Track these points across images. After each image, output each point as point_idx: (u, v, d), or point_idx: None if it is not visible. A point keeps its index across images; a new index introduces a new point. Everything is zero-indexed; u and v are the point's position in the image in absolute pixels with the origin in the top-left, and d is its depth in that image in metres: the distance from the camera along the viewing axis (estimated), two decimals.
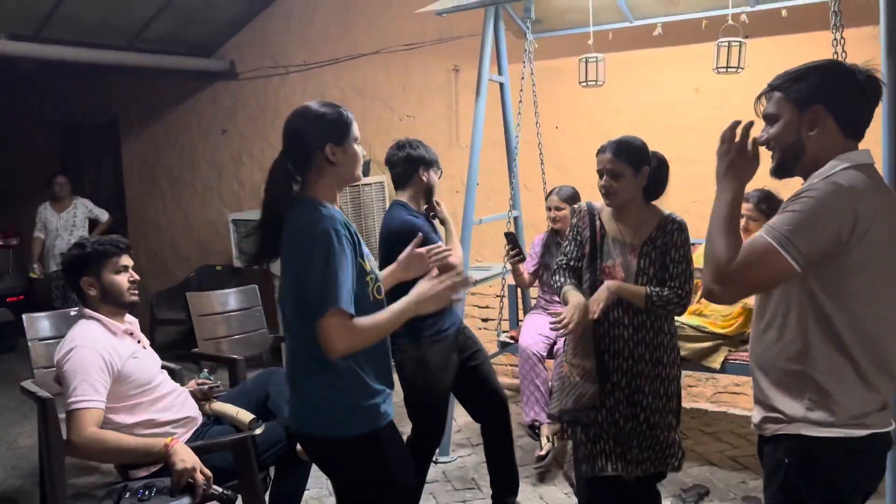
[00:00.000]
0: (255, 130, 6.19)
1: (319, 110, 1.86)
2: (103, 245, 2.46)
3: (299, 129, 1.85)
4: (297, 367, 1.86)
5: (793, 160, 1.65)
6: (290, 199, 1.84)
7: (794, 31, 3.86)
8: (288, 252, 1.80)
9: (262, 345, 4.01)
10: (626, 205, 2.40)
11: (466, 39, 5.00)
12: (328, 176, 1.85)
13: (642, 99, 4.41)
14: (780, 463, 1.60)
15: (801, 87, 1.62)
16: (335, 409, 1.81)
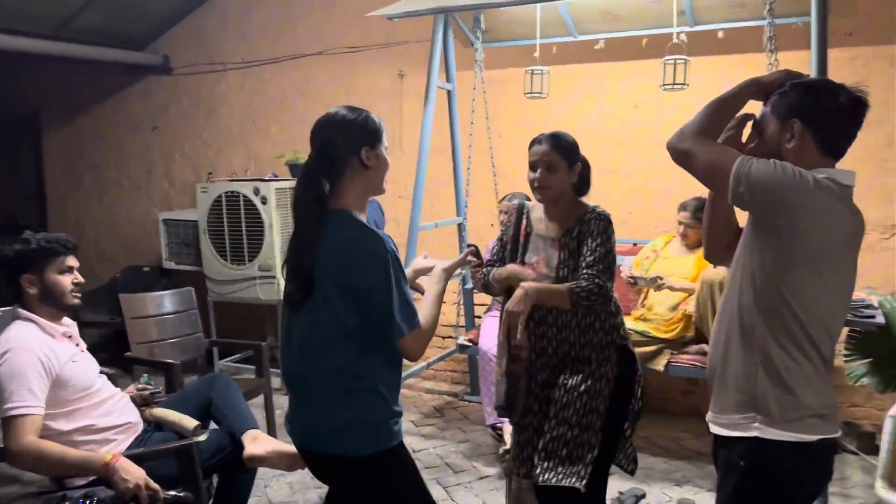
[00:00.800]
0: (189, 127, 6.01)
1: (352, 114, 1.83)
2: (50, 243, 2.33)
3: (333, 135, 1.81)
4: (321, 387, 1.81)
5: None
6: (324, 211, 1.78)
7: (730, 52, 4.04)
8: (336, 270, 1.74)
9: (197, 349, 3.91)
10: (557, 200, 2.37)
11: (412, 45, 5.01)
12: (361, 183, 1.83)
13: (583, 112, 4.52)
14: (735, 465, 1.65)
15: (783, 102, 1.71)
16: (356, 428, 1.79)
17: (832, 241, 1.63)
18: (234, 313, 5.41)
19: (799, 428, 1.61)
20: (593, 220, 2.32)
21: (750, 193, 1.59)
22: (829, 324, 1.66)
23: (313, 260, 1.75)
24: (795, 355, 1.62)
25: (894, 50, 3.84)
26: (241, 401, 2.68)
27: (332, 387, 1.80)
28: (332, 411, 1.79)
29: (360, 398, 1.78)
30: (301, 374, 1.86)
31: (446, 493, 3.44)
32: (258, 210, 4.80)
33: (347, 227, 1.76)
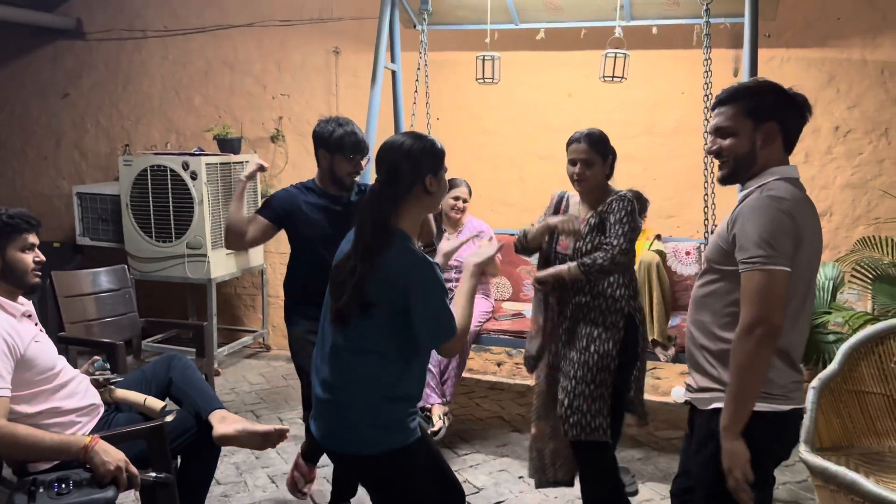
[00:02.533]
0: (104, 96, 5.70)
1: (419, 143, 1.92)
2: (14, 218, 2.22)
3: (401, 162, 1.89)
4: (347, 392, 1.91)
5: (744, 170, 1.86)
6: (390, 233, 1.86)
7: (660, 47, 4.27)
8: (396, 281, 1.83)
9: (132, 329, 3.78)
10: (593, 189, 2.68)
11: (348, 22, 4.97)
12: (420, 206, 1.94)
13: (520, 98, 4.65)
14: (714, 433, 1.80)
15: (756, 104, 1.82)
16: (374, 429, 1.89)
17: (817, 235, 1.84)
18: (155, 291, 5.24)
19: (776, 398, 1.78)
20: (615, 201, 2.61)
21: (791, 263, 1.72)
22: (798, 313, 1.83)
23: (368, 279, 1.83)
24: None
25: (805, 52, 4.18)
26: (203, 381, 2.65)
27: (360, 392, 1.90)
28: (358, 415, 1.90)
29: (384, 404, 1.89)
30: (330, 378, 1.93)
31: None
32: (187, 185, 4.65)
33: (406, 246, 1.87)
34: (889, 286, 3.59)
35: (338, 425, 1.93)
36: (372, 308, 1.83)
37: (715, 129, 1.89)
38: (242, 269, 5.03)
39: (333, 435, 1.94)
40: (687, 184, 4.29)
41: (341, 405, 1.92)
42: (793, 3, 4.12)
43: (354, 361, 1.90)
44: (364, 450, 1.90)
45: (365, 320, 1.85)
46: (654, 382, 4.52)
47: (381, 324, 1.85)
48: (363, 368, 1.89)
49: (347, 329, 1.88)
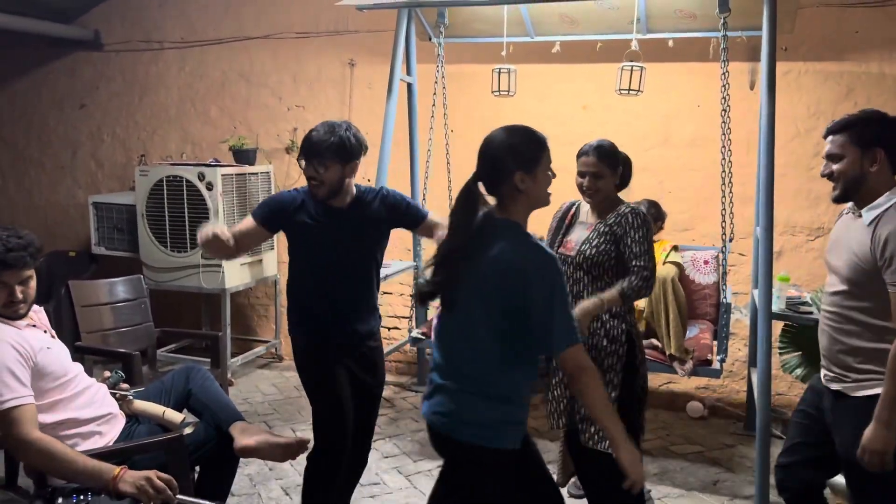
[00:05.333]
0: (120, 107, 5.74)
1: (511, 138, 1.91)
2: (11, 252, 2.17)
3: (490, 158, 1.91)
4: (457, 382, 1.91)
5: (854, 190, 2.13)
6: (476, 219, 1.89)
7: (676, 60, 4.26)
8: (504, 276, 1.81)
9: (148, 338, 3.78)
10: (603, 200, 2.67)
11: (363, 35, 5.00)
12: (519, 201, 1.92)
13: (534, 110, 4.65)
14: (868, 412, 2.02)
15: (864, 133, 2.10)
16: (476, 422, 1.89)
17: None
18: (169, 301, 5.25)
19: None
20: (630, 214, 2.59)
21: None
22: None
23: (463, 266, 1.86)
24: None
25: (823, 66, 4.17)
26: (222, 392, 2.65)
27: (459, 380, 1.91)
28: (457, 402, 1.91)
29: (481, 400, 1.89)
30: (439, 360, 1.97)
31: (408, 481, 3.50)
32: (203, 196, 4.67)
33: (518, 240, 1.86)
34: None
35: (438, 408, 1.94)
36: (479, 298, 1.84)
37: (828, 155, 2.18)
38: (256, 279, 5.05)
39: (435, 416, 1.95)
40: (702, 196, 4.28)
41: (444, 389, 1.93)
42: (810, 17, 4.11)
43: (457, 349, 1.92)
44: (454, 436, 1.90)
45: (472, 310, 1.85)
46: (670, 397, 4.50)
47: (489, 317, 1.84)
48: (464, 358, 1.90)
49: (454, 315, 1.89)
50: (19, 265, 2.20)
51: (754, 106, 3.50)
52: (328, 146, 2.44)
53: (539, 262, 1.82)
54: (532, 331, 1.83)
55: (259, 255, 5.01)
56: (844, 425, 2.14)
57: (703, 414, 4.35)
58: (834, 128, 2.17)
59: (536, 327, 1.81)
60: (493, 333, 1.85)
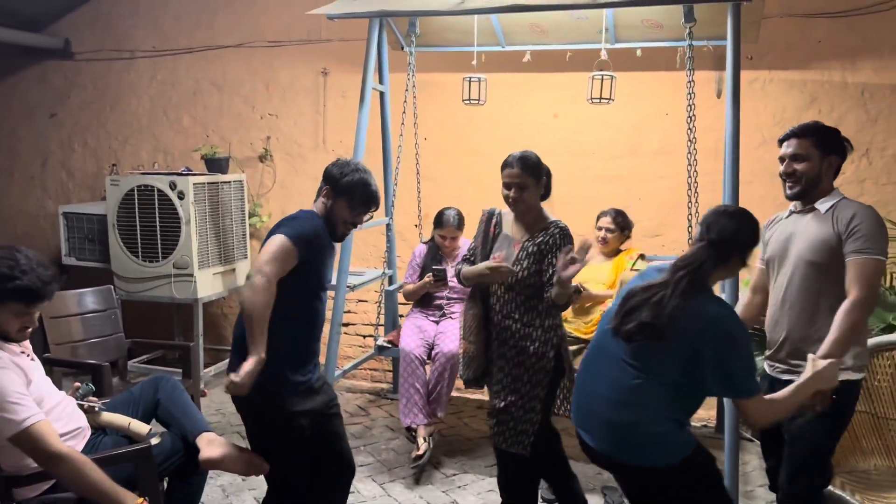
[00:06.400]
0: (91, 116, 5.70)
1: (753, 233, 2.14)
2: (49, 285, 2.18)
3: (734, 239, 2.10)
4: (654, 414, 2.05)
5: (810, 189, 2.36)
6: (703, 287, 2.07)
7: (644, 70, 4.33)
8: (696, 326, 1.99)
9: (118, 350, 3.75)
10: (527, 210, 2.73)
11: (336, 43, 5.01)
12: (723, 272, 2.15)
13: (507, 119, 4.69)
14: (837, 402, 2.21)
15: (826, 140, 2.35)
16: (673, 441, 2.07)
17: None
18: (141, 312, 5.21)
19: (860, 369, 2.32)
20: (557, 234, 2.67)
21: None
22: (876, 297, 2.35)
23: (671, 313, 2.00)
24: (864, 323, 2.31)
25: (787, 74, 4.26)
26: (191, 403, 2.63)
27: (637, 409, 2.08)
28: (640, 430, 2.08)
29: (664, 423, 2.07)
30: (609, 393, 2.12)
31: (383, 489, 3.50)
32: (174, 205, 4.64)
33: (721, 305, 2.09)
34: None
35: (623, 442, 2.08)
36: (661, 340, 1.99)
37: (793, 155, 2.38)
38: (229, 288, 5.02)
39: (618, 449, 2.10)
40: (670, 204, 4.33)
41: (633, 424, 2.06)
42: (774, 26, 4.19)
43: (641, 380, 2.05)
44: (650, 462, 2.06)
45: (664, 350, 2.01)
46: None
47: (681, 360, 2.00)
48: (653, 393, 2.04)
49: (643, 351, 2.04)
50: (50, 297, 2.23)
51: (721, 114, 3.55)
52: (378, 199, 2.51)
53: (723, 315, 2.07)
54: (707, 378, 2.02)
55: (232, 265, 4.98)
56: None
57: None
58: (799, 132, 2.37)
59: (712, 374, 2.00)
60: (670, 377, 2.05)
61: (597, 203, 4.13)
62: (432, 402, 3.70)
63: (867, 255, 2.20)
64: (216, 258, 4.84)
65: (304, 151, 5.20)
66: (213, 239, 4.80)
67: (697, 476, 2.10)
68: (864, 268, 2.20)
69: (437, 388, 3.70)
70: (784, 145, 2.42)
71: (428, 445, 3.61)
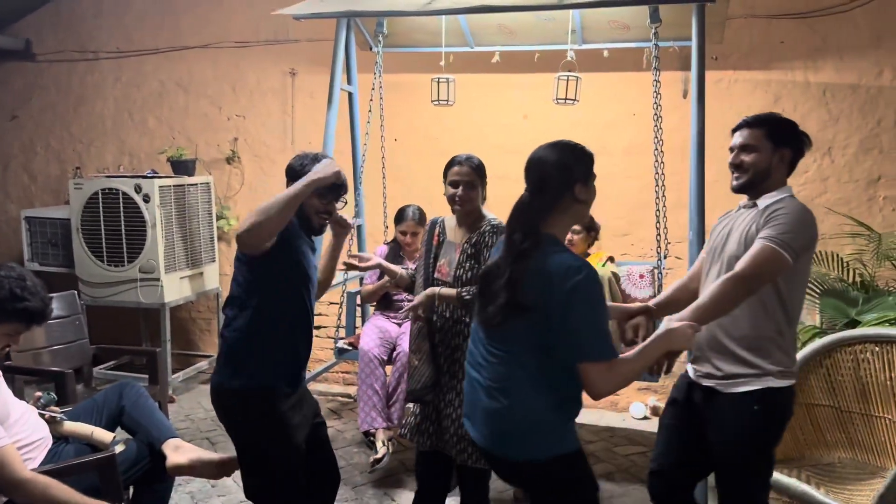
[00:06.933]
0: (54, 119, 5.59)
1: (569, 152, 1.95)
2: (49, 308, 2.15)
3: (551, 172, 1.91)
4: (513, 394, 1.87)
5: (758, 182, 2.20)
6: (540, 240, 1.85)
7: (612, 70, 4.36)
8: (542, 291, 1.79)
9: (82, 356, 3.68)
10: (470, 212, 2.67)
11: (304, 44, 4.98)
12: (570, 214, 1.94)
13: (477, 120, 4.70)
14: (745, 410, 2.12)
15: (778, 131, 2.20)
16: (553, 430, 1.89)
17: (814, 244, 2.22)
18: (107, 317, 5.12)
19: (791, 376, 2.17)
20: (488, 232, 2.62)
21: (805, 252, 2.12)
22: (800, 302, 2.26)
23: (522, 282, 1.82)
24: (790, 324, 2.18)
25: (752, 74, 4.32)
26: (156, 409, 2.60)
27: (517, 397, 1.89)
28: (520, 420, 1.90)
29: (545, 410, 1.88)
30: (487, 382, 1.94)
31: (354, 493, 3.47)
32: (140, 208, 4.56)
33: (560, 254, 1.83)
34: (835, 300, 3.70)
35: (503, 432, 1.90)
36: (524, 311, 1.81)
37: (742, 145, 2.23)
38: (197, 292, 4.95)
39: (497, 442, 1.92)
40: (639, 203, 4.37)
41: (504, 410, 1.88)
42: (738, 27, 4.25)
43: (512, 365, 1.87)
44: (532, 456, 1.88)
45: (519, 324, 1.83)
46: (613, 399, 4.57)
47: (535, 329, 1.82)
48: (522, 373, 1.86)
49: (503, 332, 1.87)
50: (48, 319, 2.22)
51: (688, 114, 3.59)
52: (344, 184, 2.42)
53: (579, 273, 1.77)
54: (560, 341, 1.81)
55: (200, 268, 4.92)
56: (722, 423, 2.19)
57: (646, 414, 4.44)
58: (752, 121, 2.23)
59: (564, 337, 1.79)
60: (544, 346, 1.85)
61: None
62: (392, 405, 3.64)
63: (772, 242, 2.03)
64: (183, 262, 4.77)
65: (272, 153, 5.15)
66: (179, 242, 4.73)
67: (572, 479, 1.91)
68: (762, 251, 2.03)
69: (396, 390, 3.66)
70: (735, 135, 2.27)
71: (387, 450, 3.56)
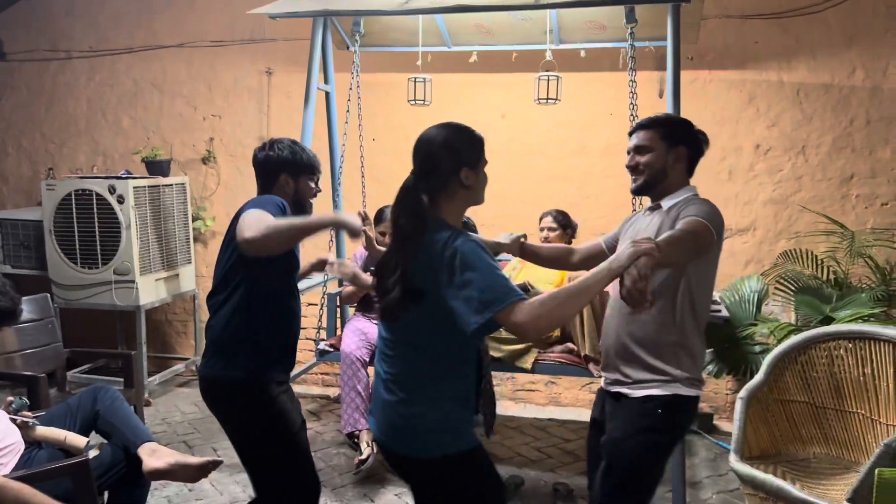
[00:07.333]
0: (26, 119, 5.49)
1: (455, 135, 1.87)
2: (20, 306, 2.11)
3: (435, 155, 1.84)
4: (410, 388, 1.82)
5: (654, 184, 2.18)
6: (425, 222, 1.79)
7: (589, 70, 4.38)
8: (429, 272, 1.73)
9: (56, 360, 3.62)
10: None
11: (280, 43, 4.94)
12: (458, 199, 1.86)
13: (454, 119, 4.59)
14: (643, 414, 2.07)
15: (672, 131, 2.17)
16: (439, 429, 1.82)
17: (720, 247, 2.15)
18: (82, 320, 5.05)
19: (697, 384, 2.12)
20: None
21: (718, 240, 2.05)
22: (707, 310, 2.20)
23: (412, 268, 1.77)
24: (698, 327, 2.11)
25: (726, 74, 4.36)
26: (131, 413, 2.56)
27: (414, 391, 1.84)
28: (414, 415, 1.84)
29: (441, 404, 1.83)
30: (387, 375, 1.88)
31: (334, 494, 3.45)
32: (114, 209, 4.50)
33: (441, 233, 1.76)
34: (810, 297, 3.75)
35: (394, 424, 1.85)
36: (419, 297, 1.75)
37: (636, 147, 2.21)
38: (173, 294, 4.90)
39: (388, 434, 1.86)
40: (618, 202, 4.39)
41: (398, 403, 1.83)
42: (713, 28, 4.29)
43: (409, 358, 1.82)
44: (419, 452, 1.82)
45: (415, 313, 1.77)
46: (589, 398, 4.59)
47: (431, 316, 1.75)
48: (417, 365, 1.81)
49: (399, 323, 1.81)
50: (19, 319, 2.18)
51: None
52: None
53: (454, 242, 1.72)
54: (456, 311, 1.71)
55: (175, 270, 4.86)
56: (623, 420, 2.14)
57: None
58: (645, 123, 2.21)
59: (459, 303, 1.69)
60: (442, 332, 1.78)
61: (547, 202, 4.16)
62: None
63: (697, 217, 1.95)
64: (159, 263, 4.72)
65: (248, 153, 5.04)
66: (155, 244, 4.68)
67: (470, 478, 1.84)
68: (690, 222, 1.94)
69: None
70: (631, 138, 2.24)
71: (371, 450, 3.55)
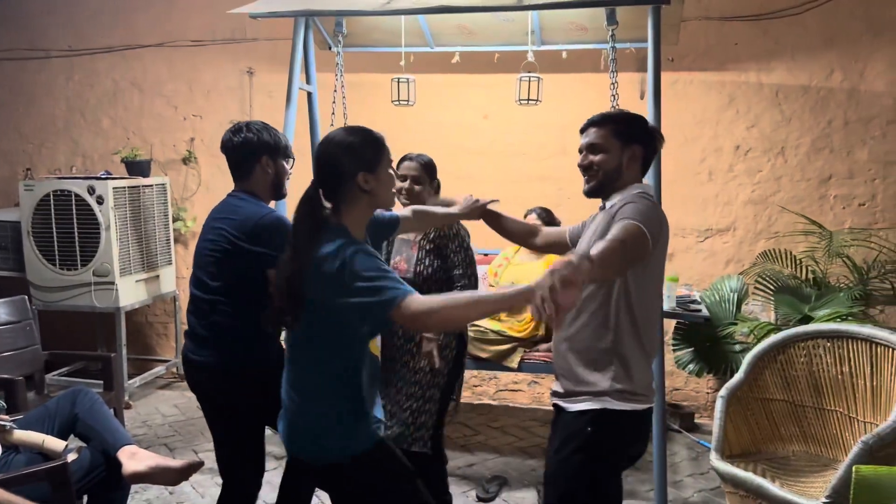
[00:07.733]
0: (4, 119, 5.42)
1: (349, 138, 1.82)
2: None
3: (330, 159, 1.81)
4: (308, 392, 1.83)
5: (609, 183, 2.08)
6: (319, 232, 1.76)
7: (571, 71, 4.39)
8: (318, 283, 1.72)
9: (34, 363, 3.58)
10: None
11: (262, 42, 4.92)
12: (361, 204, 1.83)
13: (437, 120, 4.69)
14: (576, 432, 1.95)
15: (626, 129, 2.07)
16: (344, 430, 1.82)
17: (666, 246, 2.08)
18: (61, 322, 4.99)
19: (639, 398, 1.98)
20: (446, 226, 2.76)
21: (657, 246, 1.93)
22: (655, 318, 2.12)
23: (305, 276, 1.74)
24: (637, 336, 1.98)
25: (707, 76, 4.40)
26: (111, 416, 2.53)
27: (312, 395, 1.85)
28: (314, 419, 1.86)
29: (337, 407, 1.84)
30: (288, 380, 1.89)
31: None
32: (93, 210, 4.46)
33: (329, 243, 1.74)
34: (789, 297, 3.79)
35: (294, 427, 1.85)
36: (308, 305, 1.74)
37: (589, 145, 2.10)
38: (153, 296, 4.86)
39: (290, 439, 1.87)
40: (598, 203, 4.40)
41: (298, 408, 1.84)
42: (693, 29, 4.33)
43: (304, 362, 1.83)
44: (318, 456, 1.83)
45: (305, 320, 1.77)
46: None
47: (319, 323, 1.76)
48: (309, 370, 1.82)
49: (295, 329, 1.81)
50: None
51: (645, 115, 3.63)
52: None
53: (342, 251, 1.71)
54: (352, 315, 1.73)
55: (156, 271, 4.82)
56: (555, 440, 2.05)
57: None
58: (598, 120, 2.10)
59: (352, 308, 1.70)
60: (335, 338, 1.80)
61: (530, 202, 4.16)
62: None
63: (631, 219, 1.86)
64: (139, 265, 4.68)
65: None
66: (135, 245, 4.64)
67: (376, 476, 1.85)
68: (624, 226, 1.84)
69: None
70: (583, 135, 2.13)
71: None
